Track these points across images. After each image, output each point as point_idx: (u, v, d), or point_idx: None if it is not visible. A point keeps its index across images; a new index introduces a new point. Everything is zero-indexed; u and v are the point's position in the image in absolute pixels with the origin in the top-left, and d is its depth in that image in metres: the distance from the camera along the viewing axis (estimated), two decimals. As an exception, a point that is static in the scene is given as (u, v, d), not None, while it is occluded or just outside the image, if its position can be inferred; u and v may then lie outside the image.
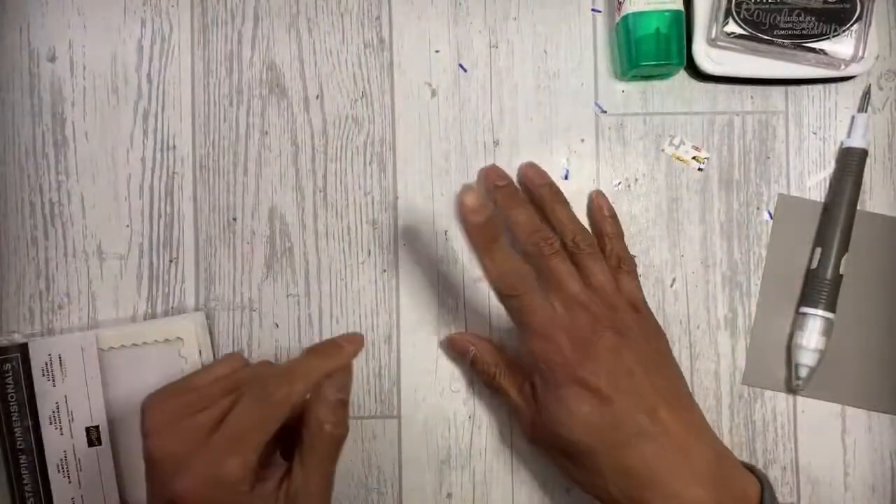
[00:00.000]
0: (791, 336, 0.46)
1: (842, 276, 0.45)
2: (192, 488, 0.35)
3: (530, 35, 0.48)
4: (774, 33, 0.45)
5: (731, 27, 0.45)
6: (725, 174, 0.48)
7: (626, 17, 0.45)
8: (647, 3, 0.44)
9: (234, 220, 0.47)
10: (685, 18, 0.45)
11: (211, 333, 0.47)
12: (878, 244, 0.47)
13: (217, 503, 0.35)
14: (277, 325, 0.47)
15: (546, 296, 0.40)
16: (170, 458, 0.36)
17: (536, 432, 0.42)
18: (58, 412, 0.45)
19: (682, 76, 0.48)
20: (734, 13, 0.45)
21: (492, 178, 0.44)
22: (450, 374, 0.47)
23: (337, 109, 0.48)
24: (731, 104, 0.48)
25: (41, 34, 0.48)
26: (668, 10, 0.44)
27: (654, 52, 0.45)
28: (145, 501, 0.38)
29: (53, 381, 0.45)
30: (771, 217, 0.47)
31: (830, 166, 0.48)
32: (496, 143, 0.48)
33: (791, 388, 0.46)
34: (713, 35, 0.45)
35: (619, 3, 0.46)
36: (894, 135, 0.48)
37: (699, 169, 0.47)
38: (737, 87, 0.48)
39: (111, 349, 0.46)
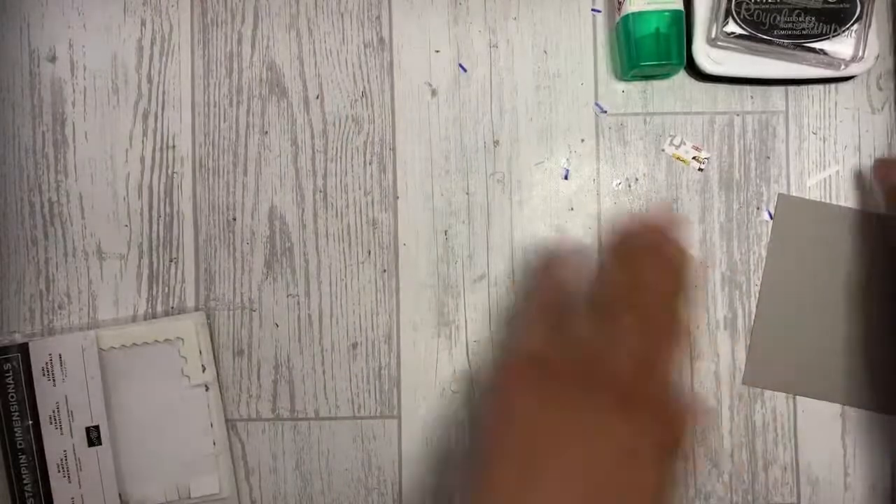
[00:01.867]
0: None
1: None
2: None
3: (530, 35, 0.48)
4: (774, 33, 0.45)
5: (731, 27, 0.45)
6: (725, 174, 0.48)
7: (626, 18, 0.45)
8: (647, 3, 0.44)
9: (234, 220, 0.47)
10: (685, 18, 0.45)
11: (211, 333, 0.47)
12: (877, 244, 0.47)
13: None
14: (277, 326, 0.47)
15: None
16: None
17: None
18: (58, 412, 0.45)
19: (682, 76, 0.48)
20: (734, 13, 0.45)
21: None
22: (450, 374, 0.47)
23: (337, 109, 0.48)
24: (731, 104, 0.48)
25: (41, 34, 0.48)
26: (668, 10, 0.44)
27: (655, 52, 0.45)
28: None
29: (54, 380, 0.45)
30: (771, 217, 0.47)
31: (830, 166, 0.48)
32: (496, 143, 0.48)
33: None
34: (713, 35, 0.45)
35: (620, 4, 0.46)
36: (894, 135, 0.48)
37: (699, 169, 0.47)
38: (737, 87, 0.48)
39: (111, 349, 0.46)
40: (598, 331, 0.37)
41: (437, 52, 0.48)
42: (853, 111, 0.47)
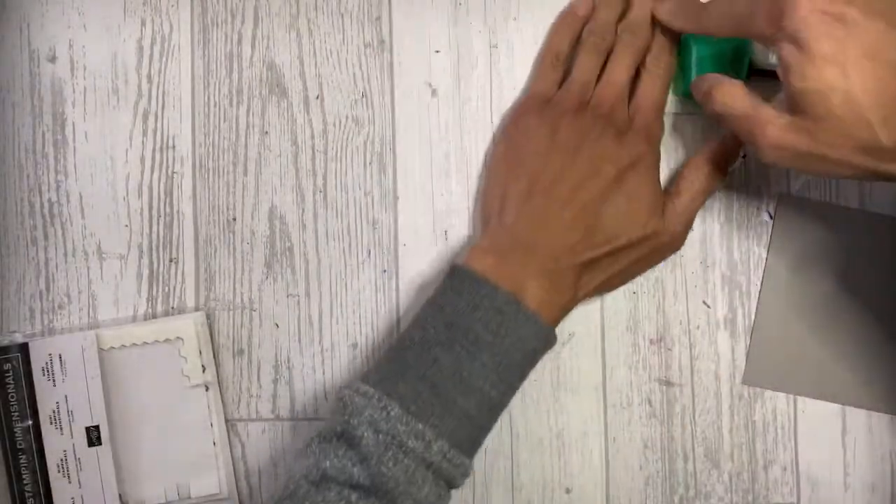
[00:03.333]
0: None
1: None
2: None
3: (530, 35, 0.48)
4: None
5: None
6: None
7: (687, 38, 0.44)
8: None
9: (234, 220, 0.48)
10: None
11: (211, 333, 0.47)
12: (877, 244, 0.47)
13: None
14: (277, 326, 0.47)
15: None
16: None
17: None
18: (58, 412, 0.45)
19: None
20: None
21: None
22: (450, 374, 0.47)
23: (337, 109, 0.48)
24: (732, 104, 0.48)
25: (41, 34, 0.48)
26: None
27: (716, 73, 0.43)
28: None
29: (54, 380, 0.45)
30: (771, 217, 0.47)
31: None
32: (496, 143, 0.48)
33: None
34: None
35: None
36: (894, 135, 0.48)
37: (743, 156, 0.47)
38: (737, 87, 0.48)
39: (111, 349, 0.46)
40: (593, 73, 0.44)
41: (437, 52, 0.48)
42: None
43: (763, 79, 0.45)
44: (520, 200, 0.42)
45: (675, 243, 0.44)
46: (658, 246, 0.43)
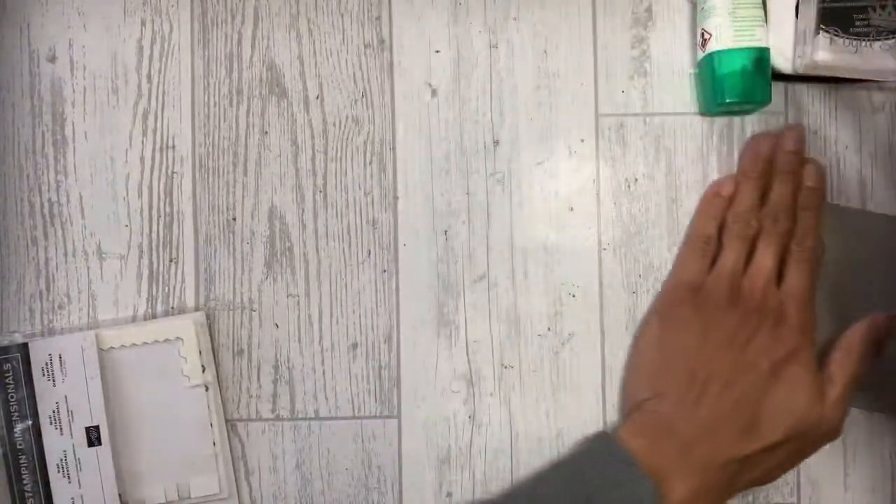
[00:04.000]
0: None
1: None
2: None
3: (530, 35, 0.48)
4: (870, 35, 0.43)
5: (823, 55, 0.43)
6: (725, 174, 0.47)
7: (710, 55, 0.44)
8: (733, 41, 0.44)
9: (234, 220, 0.48)
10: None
11: (211, 333, 0.47)
12: (878, 244, 0.47)
13: None
14: (277, 326, 0.47)
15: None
16: None
17: None
18: (58, 412, 0.45)
19: (682, 77, 0.48)
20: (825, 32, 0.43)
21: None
22: (450, 374, 0.47)
23: (337, 109, 0.48)
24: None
25: (41, 34, 0.48)
26: (753, 48, 0.44)
27: (740, 90, 0.44)
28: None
29: (53, 380, 0.45)
30: (771, 217, 0.47)
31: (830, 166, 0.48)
32: (496, 143, 0.48)
33: None
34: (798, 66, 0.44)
35: (705, 41, 0.45)
36: (894, 135, 0.48)
37: None
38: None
39: (111, 349, 0.46)
40: (741, 259, 0.43)
41: (437, 52, 0.48)
42: (853, 111, 0.47)
43: (784, 82, 0.46)
44: (676, 393, 0.42)
45: (832, 433, 0.43)
46: (815, 438, 0.42)
